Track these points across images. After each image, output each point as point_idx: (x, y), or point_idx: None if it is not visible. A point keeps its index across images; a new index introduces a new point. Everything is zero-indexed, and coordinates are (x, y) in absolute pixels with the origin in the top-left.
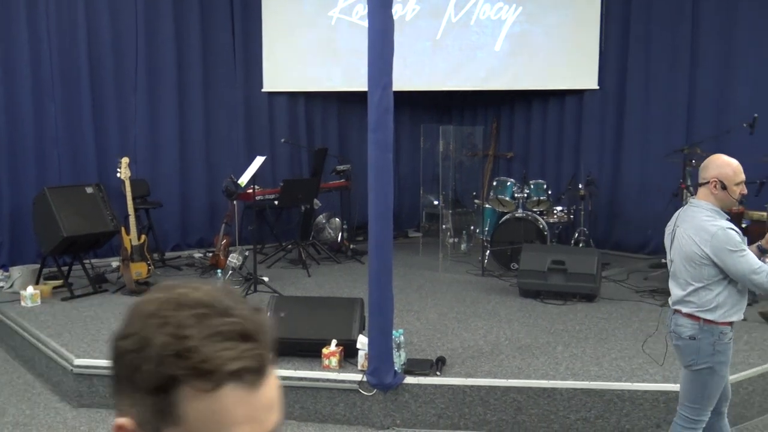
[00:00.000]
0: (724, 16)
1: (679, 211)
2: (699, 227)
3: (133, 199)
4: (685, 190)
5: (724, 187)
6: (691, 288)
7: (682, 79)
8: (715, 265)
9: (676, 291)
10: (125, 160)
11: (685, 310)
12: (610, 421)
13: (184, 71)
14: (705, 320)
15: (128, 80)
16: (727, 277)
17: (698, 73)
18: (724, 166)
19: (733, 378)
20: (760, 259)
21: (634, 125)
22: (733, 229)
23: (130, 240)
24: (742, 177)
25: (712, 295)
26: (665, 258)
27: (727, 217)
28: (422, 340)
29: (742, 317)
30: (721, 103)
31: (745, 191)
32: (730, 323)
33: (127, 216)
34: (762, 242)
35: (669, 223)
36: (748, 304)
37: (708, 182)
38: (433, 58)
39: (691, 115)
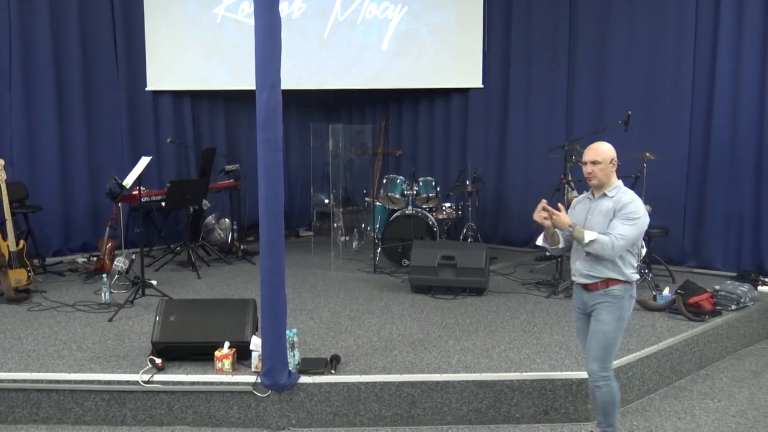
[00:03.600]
0: (598, 20)
1: None
2: None
3: (10, 203)
4: (566, 185)
5: None
6: None
7: (561, 79)
8: None
9: None
10: (0, 162)
11: None
12: (501, 410)
13: (62, 69)
14: None
15: (2, 78)
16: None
17: (576, 73)
18: None
19: (615, 363)
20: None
21: (517, 123)
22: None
23: (8, 246)
24: (584, 158)
25: None
26: (549, 252)
27: (586, 193)
28: (316, 339)
29: (574, 279)
30: (597, 101)
31: (586, 170)
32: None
33: (3, 221)
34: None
35: None
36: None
37: None
38: (321, 56)
39: (570, 113)
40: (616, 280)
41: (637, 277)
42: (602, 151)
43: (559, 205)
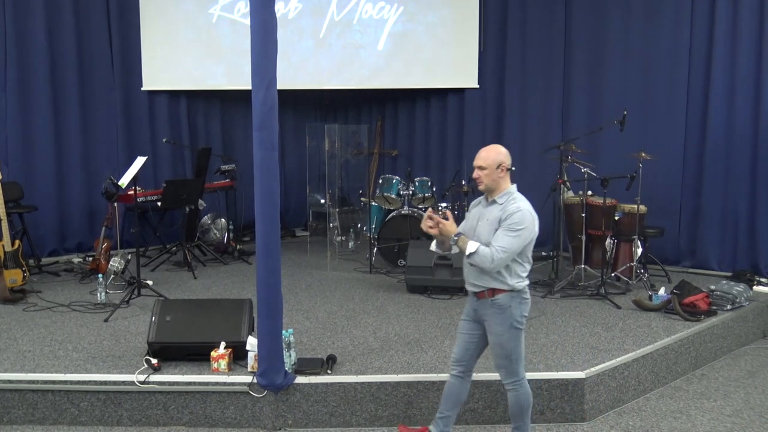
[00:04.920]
0: (594, 20)
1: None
2: None
3: (5, 203)
4: (562, 185)
5: None
6: None
7: (556, 79)
8: None
9: None
10: None
11: None
12: (497, 410)
13: (57, 69)
14: None
15: None
16: None
17: (572, 73)
18: None
19: (609, 364)
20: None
21: (513, 123)
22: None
23: (3, 246)
24: (474, 161)
25: None
26: (545, 251)
27: (482, 198)
28: (312, 339)
29: (466, 286)
30: (593, 101)
31: (473, 174)
32: None
33: None
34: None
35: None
36: (622, 293)
37: None
38: (317, 56)
39: (566, 113)
40: (501, 289)
41: (525, 284)
42: (488, 156)
43: (447, 213)
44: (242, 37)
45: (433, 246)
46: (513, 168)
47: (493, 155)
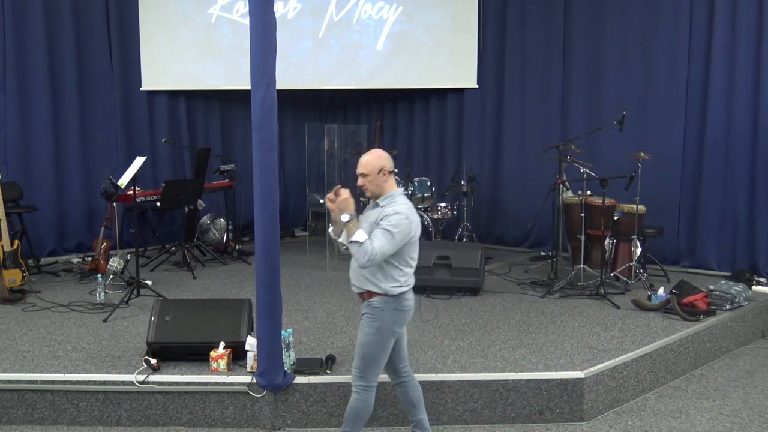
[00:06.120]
0: (592, 20)
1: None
2: None
3: (5, 203)
4: (561, 185)
5: None
6: None
7: (555, 79)
8: None
9: None
10: None
11: None
12: (497, 410)
13: (57, 69)
14: None
15: None
16: None
17: (571, 73)
18: None
19: (609, 364)
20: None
21: (512, 123)
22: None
23: (2, 246)
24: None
25: None
26: (545, 251)
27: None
28: (311, 339)
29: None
30: (592, 101)
31: (358, 182)
32: None
33: None
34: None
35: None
36: (621, 293)
37: None
38: (316, 56)
39: (565, 113)
40: (376, 293)
41: (401, 291)
42: (369, 162)
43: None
44: (241, 37)
45: (330, 229)
46: (396, 170)
47: (374, 161)
